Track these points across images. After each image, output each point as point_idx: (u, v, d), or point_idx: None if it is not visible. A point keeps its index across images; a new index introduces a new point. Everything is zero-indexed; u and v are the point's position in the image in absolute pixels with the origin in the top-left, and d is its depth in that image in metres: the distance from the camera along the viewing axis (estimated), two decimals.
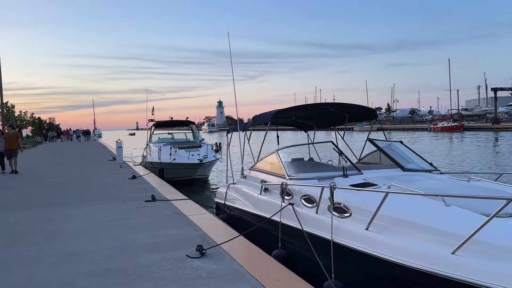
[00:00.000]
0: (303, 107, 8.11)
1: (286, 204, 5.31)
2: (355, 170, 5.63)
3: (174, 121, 21.47)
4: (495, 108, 66.73)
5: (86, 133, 67.90)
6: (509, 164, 19.76)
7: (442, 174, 5.98)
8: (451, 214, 3.74)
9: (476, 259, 3.12)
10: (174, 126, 22.23)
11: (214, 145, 17.16)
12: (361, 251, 3.96)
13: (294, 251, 5.22)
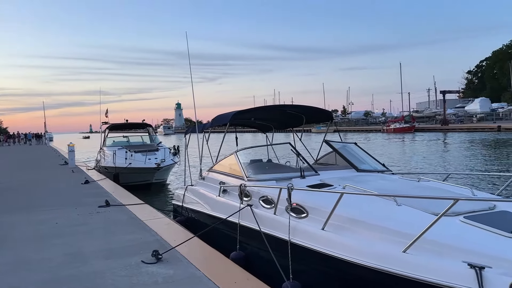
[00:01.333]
0: (261, 109, 8.15)
1: (245, 205, 5.30)
2: (312, 171, 5.72)
3: (129, 124, 20.82)
4: (444, 110, 70.10)
5: (37, 136, 64.79)
6: (456, 164, 20.82)
7: (394, 174, 6.19)
8: (402, 213, 3.87)
9: (425, 257, 3.24)
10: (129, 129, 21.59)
11: (172, 148, 16.86)
12: (317, 250, 4.02)
13: (253, 252, 5.22)
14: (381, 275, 3.42)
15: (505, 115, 69.27)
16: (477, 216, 3.66)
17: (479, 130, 54.57)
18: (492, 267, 2.90)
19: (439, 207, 3.25)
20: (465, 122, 67.55)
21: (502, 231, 3.34)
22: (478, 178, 14.02)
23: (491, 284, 2.78)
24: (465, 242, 3.27)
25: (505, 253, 3.07)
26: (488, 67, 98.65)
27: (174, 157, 16.28)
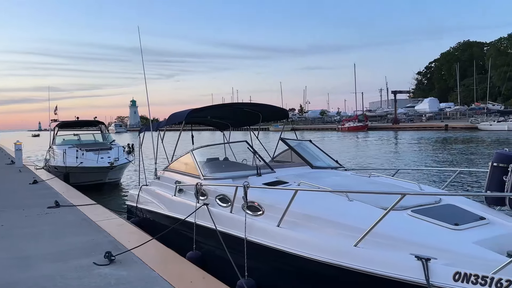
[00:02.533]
0: (218, 107, 8.13)
1: (201, 204, 5.27)
2: (268, 169, 5.77)
3: (80, 121, 19.97)
4: (395, 110, 72.94)
5: None
6: (405, 161, 21.76)
7: (347, 170, 6.37)
8: (354, 208, 3.99)
9: (376, 250, 3.36)
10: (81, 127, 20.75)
11: (126, 147, 16.41)
12: (272, 247, 4.07)
13: (209, 251, 5.20)
14: (334, 269, 3.51)
15: (452, 114, 73.19)
16: (424, 210, 3.84)
17: (428, 129, 57.25)
18: (438, 258, 3.05)
19: (389, 202, 3.37)
20: (415, 121, 70.60)
21: (447, 223, 3.53)
22: (425, 174, 14.71)
23: (437, 274, 2.93)
24: (413, 235, 3.42)
25: (450, 244, 3.25)
26: (436, 69, 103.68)
27: (128, 156, 15.85)
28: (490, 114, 57.24)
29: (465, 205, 4.08)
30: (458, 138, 38.36)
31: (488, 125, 50.02)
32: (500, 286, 2.68)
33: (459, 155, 23.25)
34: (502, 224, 3.71)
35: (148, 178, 7.92)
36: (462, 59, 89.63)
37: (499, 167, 3.96)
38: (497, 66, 76.52)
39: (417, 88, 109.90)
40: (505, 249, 3.27)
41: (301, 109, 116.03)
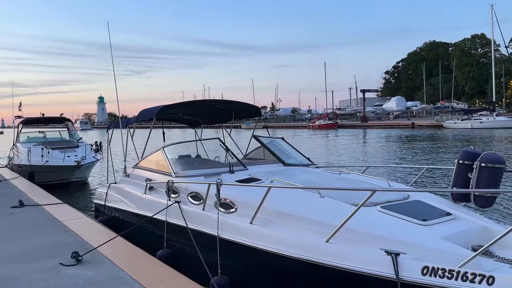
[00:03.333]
0: (189, 104, 8.03)
1: (172, 202, 5.19)
2: (241, 166, 5.75)
3: (46, 118, 19.27)
4: (364, 108, 74.44)
5: None
6: (374, 158, 22.25)
7: (318, 168, 6.44)
8: (325, 205, 4.04)
9: (346, 246, 3.42)
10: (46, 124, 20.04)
11: (94, 145, 15.99)
12: (245, 244, 4.06)
13: (181, 250, 5.14)
14: (306, 265, 3.55)
15: (418, 113, 75.39)
16: (393, 206, 3.92)
17: (395, 126, 58.70)
18: (407, 253, 3.13)
19: (359, 198, 3.43)
20: (383, 119, 72.34)
21: (415, 219, 3.63)
22: (394, 171, 15.07)
23: (406, 269, 3.01)
24: (382, 230, 3.49)
25: (418, 239, 3.34)
26: (403, 68, 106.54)
27: (96, 154, 15.45)
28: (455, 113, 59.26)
29: (432, 201, 4.20)
30: (424, 136, 39.54)
31: (453, 123, 51.79)
32: (466, 279, 2.77)
33: (425, 153, 23.96)
34: (468, 220, 3.84)
35: (117, 176, 7.74)
36: (428, 59, 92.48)
37: (464, 164, 4.09)
38: (461, 66, 79.36)
39: (385, 87, 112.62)
40: (470, 244, 3.40)
41: (273, 107, 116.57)
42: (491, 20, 56.09)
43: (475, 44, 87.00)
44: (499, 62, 68.52)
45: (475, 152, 4.10)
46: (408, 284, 2.97)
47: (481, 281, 2.72)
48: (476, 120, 50.20)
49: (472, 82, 74.72)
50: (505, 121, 48.49)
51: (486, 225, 3.76)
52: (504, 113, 56.82)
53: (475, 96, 78.23)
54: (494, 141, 31.49)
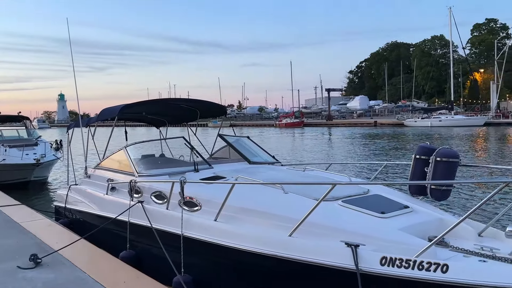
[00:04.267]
0: (153, 102, 7.89)
1: (135, 202, 5.11)
2: (206, 165, 5.73)
3: (2, 116, 18.54)
4: (329, 107, 75.79)
5: None
6: (337, 155, 22.73)
7: (283, 165, 6.51)
8: (289, 200, 4.10)
9: (309, 239, 3.49)
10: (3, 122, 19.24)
11: (54, 143, 15.46)
12: (209, 242, 4.06)
13: (145, 250, 5.08)
14: (269, 260, 3.59)
15: (381, 111, 77.53)
16: (353, 200, 4.04)
17: (358, 125, 60.14)
18: (366, 244, 3.24)
19: (321, 193, 3.50)
20: (347, 118, 73.91)
21: (374, 212, 3.75)
22: (356, 167, 15.46)
23: (365, 260, 3.11)
24: (343, 223, 3.59)
25: (376, 231, 3.46)
26: (366, 68, 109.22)
27: (56, 153, 14.95)
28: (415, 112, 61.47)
29: (391, 195, 4.35)
30: (386, 134, 40.74)
31: (413, 121, 53.67)
32: (422, 268, 2.90)
33: (387, 150, 24.72)
34: (424, 212, 4.00)
35: (78, 177, 7.53)
36: (390, 59, 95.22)
37: (421, 159, 4.26)
38: (422, 66, 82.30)
39: (349, 87, 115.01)
40: (426, 235, 3.55)
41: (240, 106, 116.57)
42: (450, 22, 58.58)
43: (434, 45, 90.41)
44: (457, 62, 71.46)
45: (431, 147, 4.28)
46: (368, 275, 3.07)
47: (436, 269, 2.85)
48: (435, 119, 52.24)
49: (431, 82, 77.69)
50: (463, 119, 50.77)
51: (441, 217, 3.93)
52: (461, 112, 59.37)
53: (434, 96, 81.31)
54: (452, 138, 32.87)
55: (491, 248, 3.21)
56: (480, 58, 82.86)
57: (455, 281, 2.77)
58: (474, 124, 47.88)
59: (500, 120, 50.44)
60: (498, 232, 3.67)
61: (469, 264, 3.02)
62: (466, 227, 3.66)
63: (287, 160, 17.89)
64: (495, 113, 53.97)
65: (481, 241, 3.53)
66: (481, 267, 2.94)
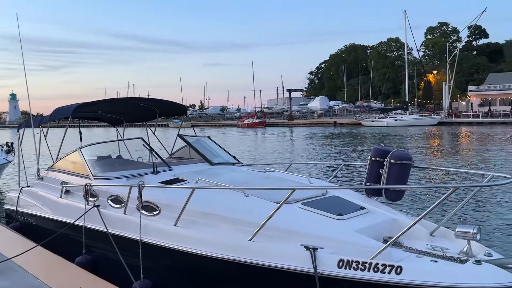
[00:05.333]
0: (110, 101, 7.67)
1: (91, 206, 4.95)
2: (166, 167, 5.64)
3: None
4: (290, 107, 76.68)
5: None
6: (298, 155, 23.07)
7: (244, 166, 6.51)
8: (250, 204, 4.10)
9: (269, 243, 3.51)
10: None
11: (5, 145, 14.71)
12: (168, 247, 4.00)
13: (101, 255, 4.93)
14: (230, 265, 3.58)
15: (340, 111, 79.37)
16: (312, 202, 4.10)
17: (319, 125, 61.24)
18: (324, 247, 3.29)
19: (282, 196, 3.52)
20: (308, 118, 75.06)
21: (332, 214, 3.82)
22: (315, 167, 15.69)
23: (323, 263, 3.17)
24: (302, 226, 3.64)
25: (334, 233, 3.53)
26: (326, 69, 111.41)
27: (7, 156, 14.23)
28: (372, 112, 63.32)
29: (348, 196, 4.44)
30: (345, 134, 41.74)
31: (370, 121, 55.32)
32: (377, 270, 2.99)
33: (345, 149, 25.33)
34: (379, 213, 4.12)
35: (30, 179, 7.19)
36: (348, 61, 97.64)
37: (376, 161, 4.39)
38: (378, 67, 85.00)
39: (310, 87, 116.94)
40: (381, 235, 3.66)
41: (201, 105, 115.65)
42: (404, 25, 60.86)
43: (390, 47, 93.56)
44: (411, 64, 74.32)
45: (385, 149, 4.41)
46: (326, 277, 3.13)
47: (390, 271, 2.94)
48: (391, 119, 54.12)
49: (388, 83, 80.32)
50: (417, 119, 52.92)
51: (396, 218, 4.06)
52: (416, 112, 61.79)
53: (390, 96, 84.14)
54: (407, 137, 34.17)
55: (442, 248, 3.35)
56: (434, 60, 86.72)
57: (408, 282, 2.88)
58: (428, 124, 50.00)
59: (452, 120, 52.97)
60: (449, 231, 3.82)
61: (421, 265, 3.14)
62: (419, 227, 3.80)
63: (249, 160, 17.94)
64: (448, 113, 56.64)
65: (433, 241, 3.67)
66: (432, 268, 3.06)
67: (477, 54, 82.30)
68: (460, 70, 68.48)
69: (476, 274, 2.82)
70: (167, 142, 8.14)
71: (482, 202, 9.68)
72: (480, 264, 2.90)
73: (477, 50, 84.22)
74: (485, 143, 26.76)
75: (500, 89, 58.47)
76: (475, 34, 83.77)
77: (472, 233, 3.13)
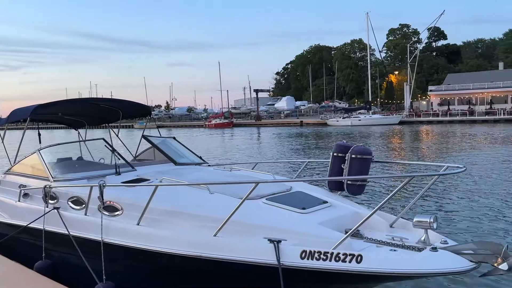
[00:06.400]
0: (70, 102, 7.44)
1: (50, 208, 4.80)
2: (129, 167, 5.55)
3: None
4: (257, 107, 76.99)
5: None
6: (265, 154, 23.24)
7: (210, 166, 6.50)
8: (214, 200, 4.11)
9: (233, 238, 3.53)
10: None
11: None
12: (131, 247, 3.94)
13: (62, 259, 4.80)
14: (195, 261, 3.58)
15: (306, 111, 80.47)
16: (276, 197, 4.17)
17: (286, 125, 61.81)
18: (287, 239, 3.36)
19: (246, 192, 3.55)
20: (275, 118, 75.58)
21: (295, 208, 3.90)
22: (280, 166, 15.88)
23: (286, 255, 3.23)
24: (266, 220, 3.69)
25: (298, 226, 3.60)
26: (292, 70, 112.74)
27: None
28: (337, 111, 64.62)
29: (312, 191, 4.54)
30: (311, 133, 42.39)
31: (335, 121, 56.44)
32: (339, 259, 3.08)
33: (311, 148, 25.74)
34: (342, 206, 4.24)
35: None
36: (313, 62, 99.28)
37: (338, 156, 4.51)
38: (342, 68, 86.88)
39: (276, 87, 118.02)
40: (344, 227, 3.76)
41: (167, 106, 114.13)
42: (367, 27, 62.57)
43: (354, 48, 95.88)
44: (374, 65, 76.40)
45: (347, 145, 4.54)
46: (289, 269, 3.18)
47: (351, 260, 3.04)
48: (355, 118, 55.40)
49: (351, 83, 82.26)
50: (380, 118, 54.47)
51: (357, 210, 4.18)
52: (379, 112, 63.55)
53: (354, 96, 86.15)
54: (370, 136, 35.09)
55: (401, 238, 3.48)
56: (395, 61, 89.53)
57: (368, 270, 2.98)
58: (390, 123, 51.55)
59: (413, 119, 54.85)
60: (408, 222, 3.97)
61: (381, 254, 3.25)
62: (379, 219, 3.94)
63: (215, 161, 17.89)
64: (409, 112, 58.57)
65: (393, 231, 3.81)
66: (391, 256, 3.17)
67: (437, 55, 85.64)
68: (421, 70, 71.01)
69: (432, 261, 2.95)
70: (132, 144, 8.00)
71: (438, 193, 10.15)
72: (437, 251, 3.04)
73: (437, 51, 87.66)
74: (443, 140, 27.89)
75: (458, 89, 60.97)
76: (434, 35, 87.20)
77: (429, 222, 3.26)
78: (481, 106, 56.84)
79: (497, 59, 77.71)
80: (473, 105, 57.97)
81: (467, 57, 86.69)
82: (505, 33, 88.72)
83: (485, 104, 57.23)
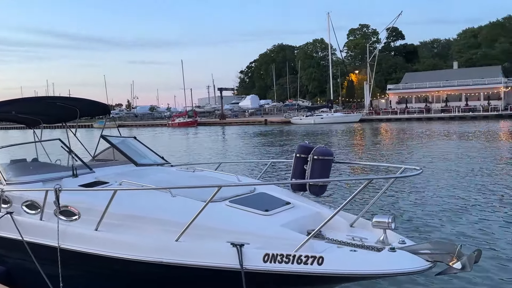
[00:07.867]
0: (24, 101, 7.11)
1: (3, 213, 4.57)
2: (87, 169, 5.36)
3: None
4: (221, 106, 76.66)
5: None
6: (228, 154, 23.18)
7: (173, 166, 6.39)
8: (177, 204, 4.03)
9: (196, 242, 3.48)
10: None
11: None
12: (89, 253, 3.81)
13: (17, 265, 4.59)
14: (155, 267, 3.50)
15: (270, 110, 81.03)
16: (240, 200, 4.13)
17: (250, 123, 62.01)
18: (250, 243, 3.34)
19: (210, 195, 3.50)
20: (239, 117, 75.62)
21: (258, 210, 3.88)
22: (244, 166, 15.87)
23: (249, 258, 3.21)
24: (229, 223, 3.65)
25: (260, 229, 3.59)
26: (256, 68, 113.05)
27: None
28: (300, 110, 65.47)
29: (275, 193, 4.54)
30: (275, 131, 42.71)
31: (299, 119, 57.21)
32: (301, 261, 3.10)
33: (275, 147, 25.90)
34: (304, 207, 4.25)
35: None
36: (277, 61, 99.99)
37: (301, 157, 4.54)
38: (305, 67, 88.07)
39: (241, 86, 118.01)
40: (306, 228, 3.78)
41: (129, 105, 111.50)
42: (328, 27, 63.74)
43: (316, 47, 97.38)
44: (335, 64, 77.91)
45: (309, 146, 4.58)
46: (252, 272, 3.17)
47: (313, 262, 3.06)
48: (318, 116, 56.41)
49: (314, 82, 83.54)
50: (341, 116, 55.78)
51: (319, 211, 4.21)
52: (340, 110, 64.98)
53: (317, 95, 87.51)
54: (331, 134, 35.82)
55: (361, 238, 3.54)
56: (355, 61, 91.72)
57: (329, 272, 3.02)
58: (351, 121, 52.84)
59: (372, 117, 56.48)
60: (367, 222, 4.01)
61: (341, 255, 3.27)
62: (340, 219, 3.98)
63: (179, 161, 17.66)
64: (369, 110, 60.24)
65: (353, 231, 3.86)
66: (351, 257, 3.21)
67: (395, 54, 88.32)
68: (380, 70, 73.09)
69: (391, 261, 3.02)
70: (90, 144, 7.74)
71: (397, 193, 10.45)
72: (395, 252, 3.10)
73: (395, 51, 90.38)
74: (401, 137, 28.88)
75: (415, 88, 63.29)
76: (393, 35, 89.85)
77: (388, 222, 3.31)
78: (437, 104, 59.37)
79: (452, 59, 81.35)
80: (430, 103, 60.46)
81: (424, 57, 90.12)
82: (459, 34, 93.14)
83: (441, 102, 59.80)
